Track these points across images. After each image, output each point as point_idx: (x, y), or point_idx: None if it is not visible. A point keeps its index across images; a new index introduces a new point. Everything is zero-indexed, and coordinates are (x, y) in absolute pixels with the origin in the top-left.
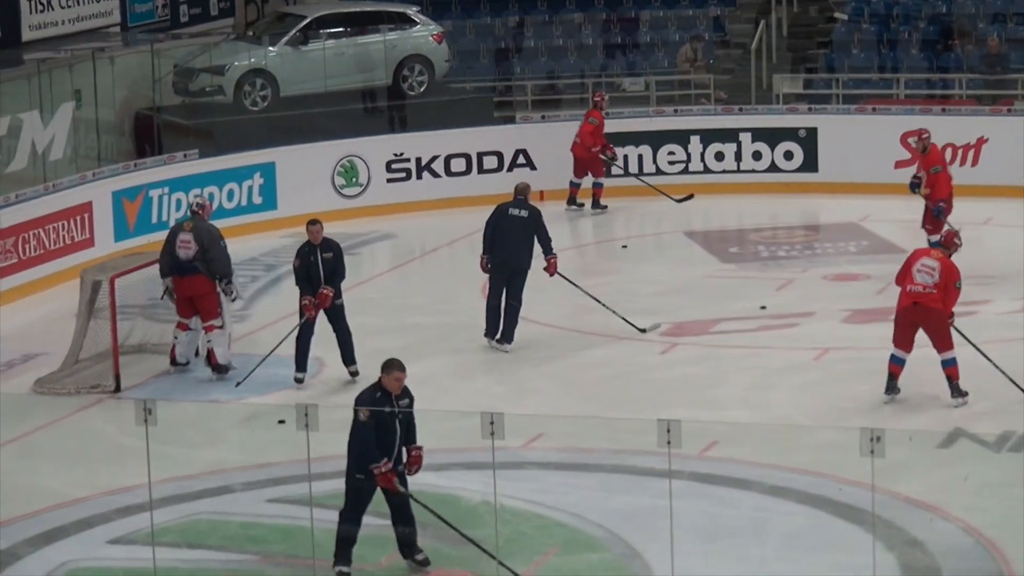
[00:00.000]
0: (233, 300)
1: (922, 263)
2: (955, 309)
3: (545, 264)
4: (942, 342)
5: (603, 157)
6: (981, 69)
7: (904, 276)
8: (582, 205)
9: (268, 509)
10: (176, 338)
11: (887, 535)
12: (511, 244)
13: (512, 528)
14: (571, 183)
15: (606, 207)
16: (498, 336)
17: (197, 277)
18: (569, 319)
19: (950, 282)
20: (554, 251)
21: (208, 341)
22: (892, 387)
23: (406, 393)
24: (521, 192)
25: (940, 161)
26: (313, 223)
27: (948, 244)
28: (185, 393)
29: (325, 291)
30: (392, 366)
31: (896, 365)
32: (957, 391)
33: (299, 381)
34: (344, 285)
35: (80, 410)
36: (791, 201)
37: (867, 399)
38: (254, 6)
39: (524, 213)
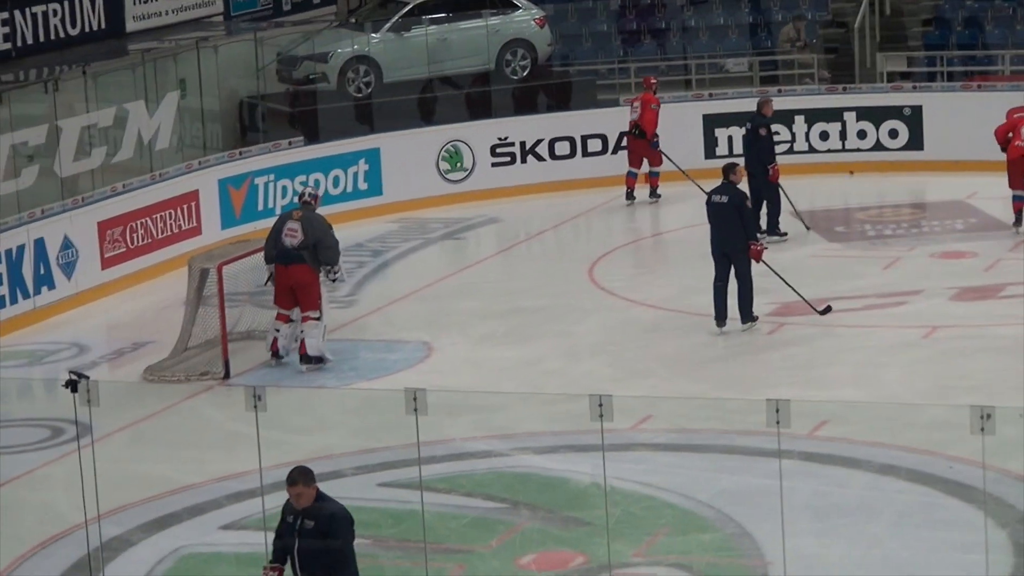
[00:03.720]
0: (335, 283)
1: None
2: None
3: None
4: None
5: None
6: None
7: (1006, 132)
8: None
9: (379, 493)
10: (278, 331)
11: (998, 512)
12: (720, 229)
13: (622, 509)
14: None
15: None
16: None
17: (301, 266)
18: (676, 300)
19: None
20: (757, 237)
21: (301, 332)
22: (1019, 220)
23: (319, 514)
24: (724, 174)
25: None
26: None
27: None
28: (294, 380)
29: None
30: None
31: (1020, 202)
32: (1019, 221)
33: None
34: (449, 269)
35: (190, 397)
36: (897, 180)
37: (977, 376)
38: None
39: (724, 199)
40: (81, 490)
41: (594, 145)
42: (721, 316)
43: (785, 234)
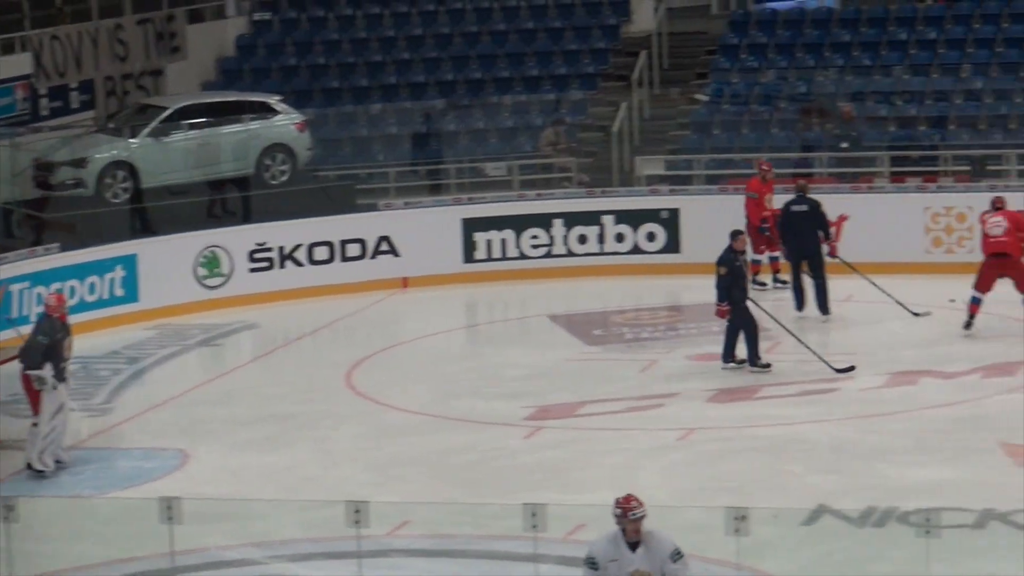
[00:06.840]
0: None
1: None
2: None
3: (827, 250)
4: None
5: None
6: (834, 139)
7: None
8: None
9: None
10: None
11: None
12: (798, 235)
13: None
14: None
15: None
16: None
17: (23, 374)
18: (434, 405)
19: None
20: (832, 236)
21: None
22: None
23: None
24: (801, 189)
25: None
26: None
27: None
28: (48, 489)
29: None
30: None
31: (976, 305)
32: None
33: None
34: (207, 376)
35: None
36: (654, 283)
37: (732, 478)
38: (115, 98)
39: (804, 208)
40: None
41: (353, 250)
42: (800, 304)
43: None
